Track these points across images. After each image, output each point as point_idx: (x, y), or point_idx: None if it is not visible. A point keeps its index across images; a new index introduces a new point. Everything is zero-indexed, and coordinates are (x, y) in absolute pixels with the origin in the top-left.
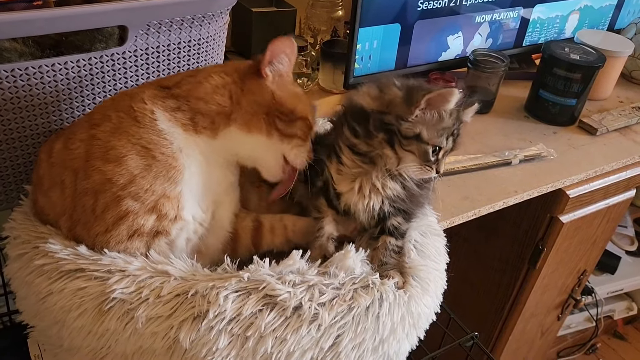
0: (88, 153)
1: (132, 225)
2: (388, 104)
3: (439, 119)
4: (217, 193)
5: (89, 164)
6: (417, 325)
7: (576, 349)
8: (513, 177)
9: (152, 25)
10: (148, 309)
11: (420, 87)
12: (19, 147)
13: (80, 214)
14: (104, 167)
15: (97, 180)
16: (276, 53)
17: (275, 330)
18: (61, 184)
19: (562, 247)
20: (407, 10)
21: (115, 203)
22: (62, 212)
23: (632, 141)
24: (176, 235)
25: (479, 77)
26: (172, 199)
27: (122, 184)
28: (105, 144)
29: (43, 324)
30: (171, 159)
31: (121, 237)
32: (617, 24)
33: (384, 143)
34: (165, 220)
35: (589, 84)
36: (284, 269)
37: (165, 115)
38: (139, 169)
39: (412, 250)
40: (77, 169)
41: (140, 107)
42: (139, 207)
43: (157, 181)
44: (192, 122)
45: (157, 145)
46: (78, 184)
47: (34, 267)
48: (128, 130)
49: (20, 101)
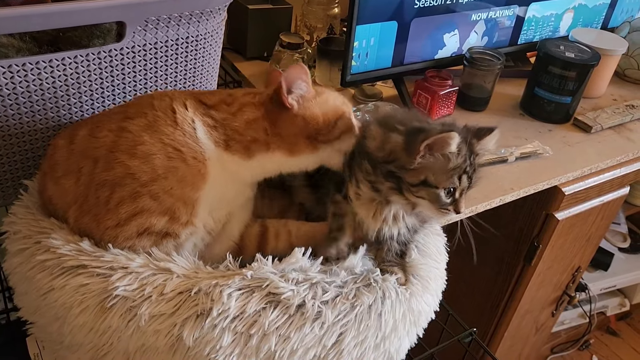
0: (115, 144)
1: (143, 223)
2: (390, 152)
3: (444, 161)
4: (232, 206)
5: (113, 156)
6: (418, 323)
7: (570, 345)
8: (509, 174)
9: (150, 21)
10: (151, 306)
11: (421, 130)
12: (16, 143)
13: (93, 205)
14: (129, 161)
15: (119, 173)
16: (291, 82)
17: (278, 328)
18: (78, 172)
19: (557, 244)
20: (404, 8)
21: (132, 199)
22: (73, 201)
23: (626, 139)
24: (184, 240)
25: (474, 74)
26: (188, 204)
27: (144, 181)
28: (135, 138)
29: (43, 321)
30: (201, 165)
31: (130, 233)
32: (610, 22)
33: (392, 191)
34: (177, 223)
35: (583, 82)
36: (286, 266)
37: (203, 128)
38: (164, 170)
39: (413, 249)
40: (98, 158)
41: (182, 111)
42: (155, 206)
43: (179, 185)
44: (226, 144)
45: (190, 149)
46: (96, 174)
47: (35, 263)
48: (164, 129)
49: (18, 97)
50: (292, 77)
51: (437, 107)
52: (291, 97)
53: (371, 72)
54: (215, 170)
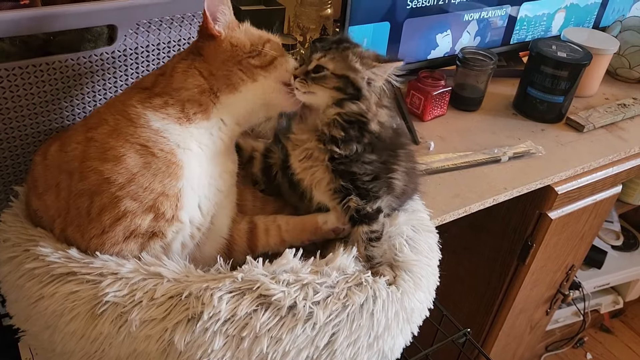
0: (85, 154)
1: (129, 226)
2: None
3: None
4: (219, 190)
5: (85, 165)
6: (411, 321)
7: (564, 343)
8: (502, 174)
9: (141, 24)
10: (141, 311)
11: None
12: (7, 148)
13: (75, 216)
14: (101, 166)
15: (94, 181)
16: (214, 10)
17: (270, 330)
18: (56, 187)
19: (550, 242)
20: (396, 9)
21: (113, 204)
22: (57, 215)
23: (618, 138)
24: (172, 239)
25: (467, 74)
26: (170, 197)
27: (120, 183)
28: (102, 145)
29: (35, 329)
30: (170, 155)
31: (117, 239)
32: (602, 21)
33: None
34: (162, 220)
35: (576, 81)
36: (277, 268)
37: (156, 114)
38: (138, 167)
39: (404, 245)
40: (72, 171)
41: (132, 110)
42: (137, 206)
43: (156, 178)
44: (184, 113)
45: (155, 142)
46: (73, 186)
47: (24, 271)
48: (126, 130)
49: (8, 102)
50: (214, 5)
51: (431, 107)
52: (217, 25)
53: None
54: (188, 154)
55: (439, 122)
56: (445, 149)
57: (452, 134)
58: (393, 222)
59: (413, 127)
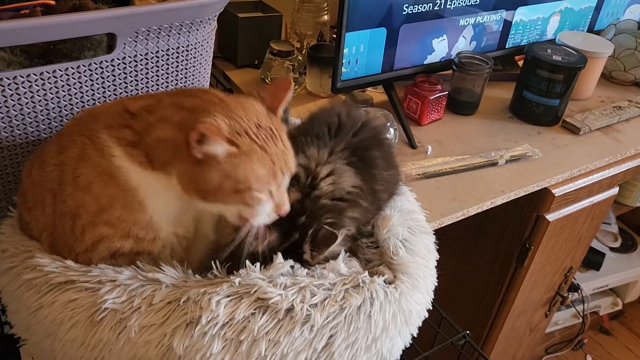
0: (60, 178)
1: (110, 247)
2: None
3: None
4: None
5: (62, 189)
6: (409, 322)
7: (564, 345)
8: (500, 177)
9: (140, 32)
10: (140, 317)
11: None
12: (8, 156)
13: (61, 233)
14: (75, 193)
15: (72, 205)
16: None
17: (268, 333)
18: (42, 202)
19: (548, 245)
20: (392, 15)
21: (91, 228)
22: (44, 229)
23: (615, 140)
24: (159, 252)
25: (463, 79)
26: (144, 225)
27: (93, 211)
28: (73, 171)
29: (35, 338)
30: (134, 191)
31: (103, 256)
32: (596, 25)
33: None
34: (144, 242)
35: (571, 85)
36: (274, 272)
37: (120, 150)
38: (106, 198)
39: (400, 247)
40: (54, 191)
41: (99, 136)
42: (114, 232)
43: (126, 211)
44: (148, 160)
45: (120, 176)
46: (57, 205)
47: (22, 282)
48: (94, 157)
49: (9, 110)
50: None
51: (428, 112)
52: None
53: (361, 79)
54: (152, 195)
55: (436, 126)
56: (442, 152)
57: (449, 138)
58: (386, 224)
59: (410, 132)
